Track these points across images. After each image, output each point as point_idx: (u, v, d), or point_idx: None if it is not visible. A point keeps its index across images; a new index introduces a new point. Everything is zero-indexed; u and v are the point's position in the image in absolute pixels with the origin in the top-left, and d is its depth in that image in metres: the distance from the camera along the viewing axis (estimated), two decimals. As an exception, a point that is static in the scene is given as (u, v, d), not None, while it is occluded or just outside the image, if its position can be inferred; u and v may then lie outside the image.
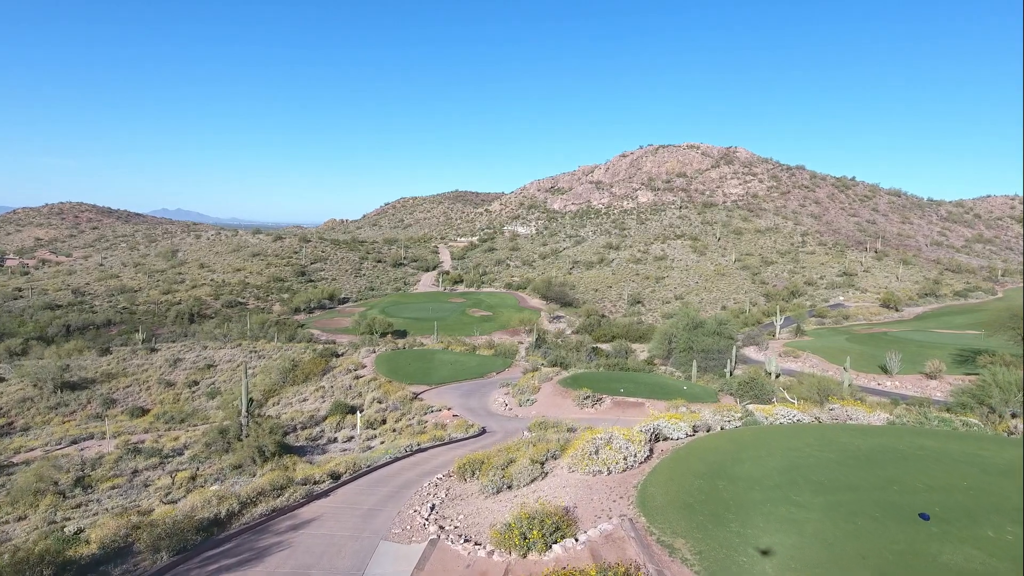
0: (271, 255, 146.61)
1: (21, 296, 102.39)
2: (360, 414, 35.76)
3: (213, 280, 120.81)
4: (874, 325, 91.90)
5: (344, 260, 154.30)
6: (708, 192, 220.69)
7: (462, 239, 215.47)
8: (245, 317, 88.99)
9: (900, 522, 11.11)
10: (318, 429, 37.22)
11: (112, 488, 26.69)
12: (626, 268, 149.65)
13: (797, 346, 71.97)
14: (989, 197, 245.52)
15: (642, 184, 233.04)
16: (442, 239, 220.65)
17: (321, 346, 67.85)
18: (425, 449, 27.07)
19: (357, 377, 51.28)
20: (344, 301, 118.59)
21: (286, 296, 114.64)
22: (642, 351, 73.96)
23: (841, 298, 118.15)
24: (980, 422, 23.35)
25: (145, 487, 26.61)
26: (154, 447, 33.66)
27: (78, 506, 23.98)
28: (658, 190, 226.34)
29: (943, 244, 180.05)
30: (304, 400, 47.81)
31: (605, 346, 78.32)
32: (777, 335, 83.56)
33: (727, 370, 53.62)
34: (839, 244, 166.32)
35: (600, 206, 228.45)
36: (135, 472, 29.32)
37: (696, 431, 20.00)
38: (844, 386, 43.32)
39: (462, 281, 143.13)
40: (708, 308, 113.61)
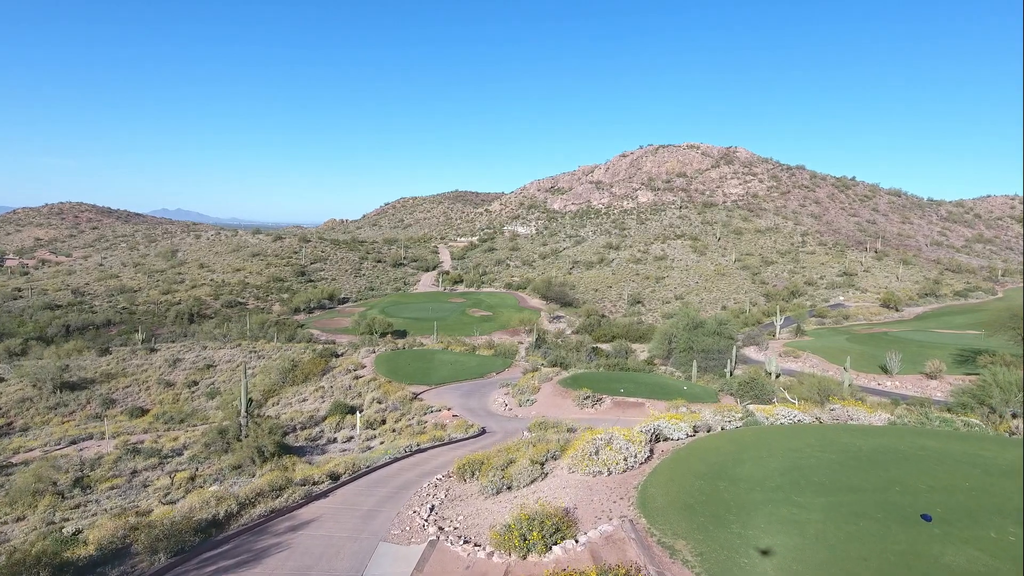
0: (271, 255, 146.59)
1: (21, 296, 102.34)
2: (360, 414, 35.69)
3: (213, 280, 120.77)
4: (874, 325, 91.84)
5: (344, 260, 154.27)
6: (708, 192, 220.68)
7: (462, 239, 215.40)
8: (245, 317, 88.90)
9: (902, 523, 11.06)
10: (317, 429, 37.15)
11: (111, 488, 26.64)
12: (626, 268, 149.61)
13: (797, 346, 71.92)
14: (989, 197, 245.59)
15: (642, 184, 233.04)
16: (442, 239, 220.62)
17: (321, 346, 67.78)
18: (425, 449, 27.00)
19: (357, 377, 51.23)
20: (344, 301, 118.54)
21: (286, 296, 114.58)
22: (642, 351, 73.89)
23: (841, 298, 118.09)
24: (981, 422, 23.29)
25: (144, 487, 26.56)
26: (153, 447, 33.59)
27: (77, 507, 23.93)
28: (658, 190, 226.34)
29: (943, 244, 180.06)
30: (304, 400, 47.74)
31: (605, 346, 78.24)
32: (777, 335, 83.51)
33: (727, 370, 53.58)
34: (839, 244, 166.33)
35: (600, 206, 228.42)
36: (134, 472, 29.26)
37: (696, 431, 19.95)
38: (844, 386, 43.29)
39: (462, 281, 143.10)
40: (708, 308, 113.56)
